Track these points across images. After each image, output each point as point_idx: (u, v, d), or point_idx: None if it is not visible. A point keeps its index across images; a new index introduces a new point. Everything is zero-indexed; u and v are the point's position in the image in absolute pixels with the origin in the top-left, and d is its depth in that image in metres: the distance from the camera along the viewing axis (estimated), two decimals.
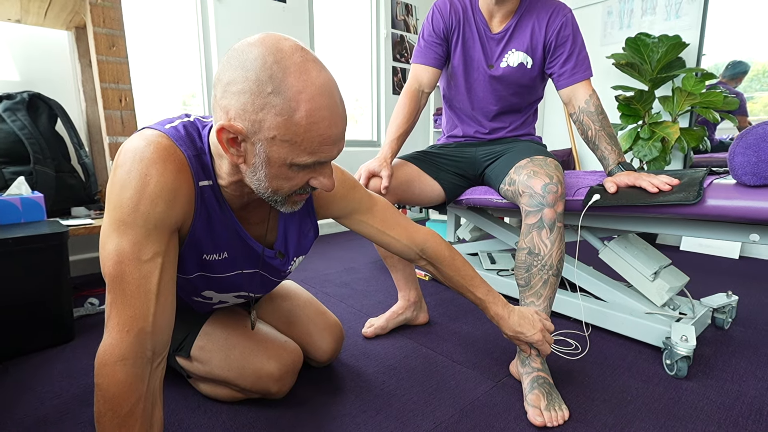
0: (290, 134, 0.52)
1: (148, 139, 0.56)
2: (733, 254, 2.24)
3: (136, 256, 0.54)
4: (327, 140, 0.55)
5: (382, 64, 3.04)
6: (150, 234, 0.55)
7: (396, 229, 0.87)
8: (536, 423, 0.82)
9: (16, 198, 1.27)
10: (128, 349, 0.53)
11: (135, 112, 1.38)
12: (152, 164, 0.55)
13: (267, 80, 0.50)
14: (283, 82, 0.50)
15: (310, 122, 0.52)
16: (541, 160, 1.05)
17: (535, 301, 0.96)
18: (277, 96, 0.50)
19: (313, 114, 0.52)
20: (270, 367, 0.84)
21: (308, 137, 0.53)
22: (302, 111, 0.51)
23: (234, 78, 0.51)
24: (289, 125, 0.52)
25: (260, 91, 0.50)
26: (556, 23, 1.13)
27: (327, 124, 0.53)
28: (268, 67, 0.50)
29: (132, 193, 0.54)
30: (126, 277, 0.54)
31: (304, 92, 0.51)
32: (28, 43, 1.63)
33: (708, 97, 2.09)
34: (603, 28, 2.68)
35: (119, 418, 0.52)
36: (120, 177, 0.55)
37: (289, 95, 0.51)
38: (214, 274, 0.73)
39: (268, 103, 0.51)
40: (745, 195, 0.86)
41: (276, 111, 0.51)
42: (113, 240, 0.54)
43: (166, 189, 0.55)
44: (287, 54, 0.51)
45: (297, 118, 0.51)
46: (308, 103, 0.51)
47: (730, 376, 1.02)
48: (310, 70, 0.52)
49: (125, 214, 0.54)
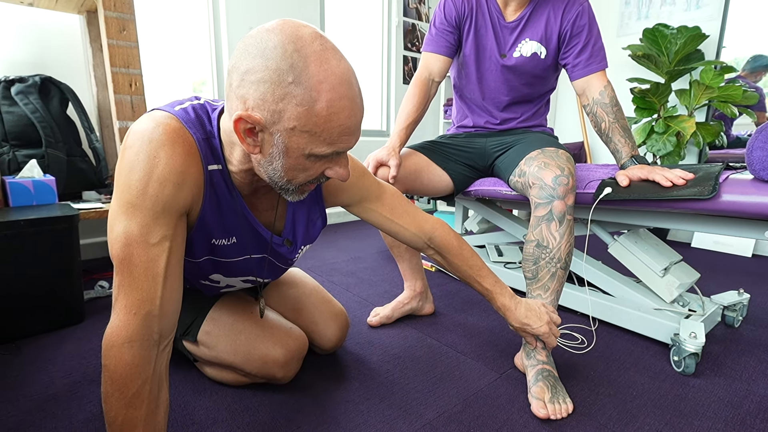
0: (311, 125, 0.52)
1: (157, 121, 0.56)
2: (746, 252, 2.20)
3: (144, 239, 0.54)
4: (346, 130, 0.54)
5: (393, 53, 3.01)
6: (158, 217, 0.55)
7: (404, 217, 0.86)
8: (540, 415, 0.82)
9: (29, 180, 1.28)
10: (135, 332, 0.53)
11: (145, 97, 1.38)
12: (161, 146, 0.54)
13: (288, 69, 0.49)
14: (305, 72, 0.49)
15: (331, 112, 0.51)
16: (552, 151, 1.03)
17: (542, 294, 0.96)
18: (298, 86, 0.50)
19: (334, 104, 0.51)
20: (275, 353, 0.84)
21: (328, 127, 0.52)
22: (323, 101, 0.51)
23: (252, 66, 0.50)
24: (310, 115, 0.51)
25: (281, 80, 0.49)
26: (572, 12, 1.10)
27: (347, 114, 0.53)
28: (289, 55, 0.49)
29: (141, 175, 0.53)
30: (134, 259, 0.54)
31: (325, 82, 0.50)
32: (40, 27, 1.64)
33: (726, 90, 2.03)
34: (620, 18, 2.61)
35: (126, 398, 0.53)
36: (128, 159, 0.54)
37: (310, 85, 0.50)
38: (222, 258, 0.73)
39: (289, 93, 0.50)
40: (763, 190, 0.84)
41: (297, 101, 0.50)
42: (121, 222, 0.54)
43: (174, 172, 0.55)
44: (307, 42, 0.50)
45: (318, 108, 0.51)
46: (329, 92, 0.51)
47: (739, 374, 1.00)
48: (330, 58, 0.51)
49: (133, 197, 0.53)
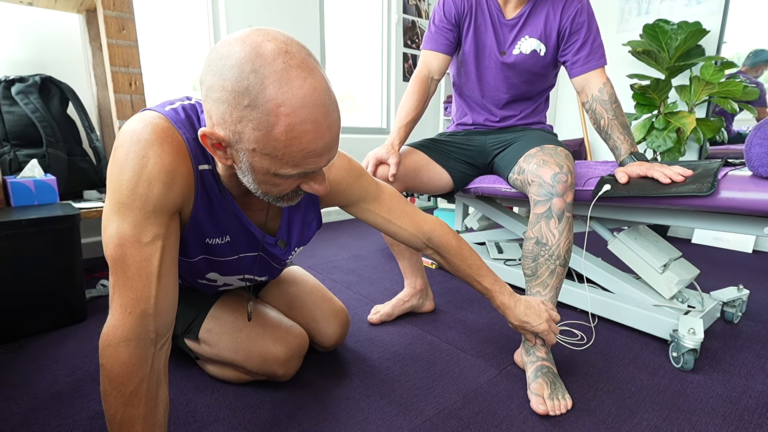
0: (269, 148, 0.49)
1: (146, 121, 0.56)
2: (747, 248, 2.20)
3: (136, 238, 0.54)
4: (311, 153, 0.51)
5: (392, 50, 3.00)
6: (149, 216, 0.55)
7: (403, 218, 0.86)
8: (539, 411, 0.83)
9: (30, 180, 1.29)
10: (131, 331, 0.54)
11: (145, 96, 1.38)
12: (150, 146, 0.54)
13: (243, 92, 0.46)
14: (261, 95, 0.46)
15: (291, 137, 0.48)
16: (551, 149, 1.03)
17: (541, 291, 0.96)
18: (254, 110, 0.47)
19: (294, 128, 0.48)
20: (276, 350, 0.85)
21: (289, 152, 0.50)
22: (281, 126, 0.47)
23: (212, 84, 0.48)
24: (268, 140, 0.48)
25: (237, 103, 0.47)
26: (572, 9, 1.10)
27: (310, 137, 0.49)
28: (245, 76, 0.46)
29: (130, 175, 0.53)
30: (127, 259, 0.54)
31: (284, 105, 0.46)
32: (39, 27, 1.64)
33: (727, 86, 2.03)
34: (620, 14, 2.60)
35: (124, 397, 0.53)
36: (118, 159, 0.55)
37: (267, 109, 0.46)
38: (217, 257, 0.74)
39: (245, 117, 0.47)
40: (762, 187, 0.84)
41: (253, 125, 0.47)
42: (114, 222, 0.54)
43: (163, 171, 0.55)
44: (267, 60, 0.46)
45: (276, 133, 0.48)
46: (288, 117, 0.47)
47: (738, 370, 1.01)
48: (292, 78, 0.47)
49: (124, 197, 0.54)
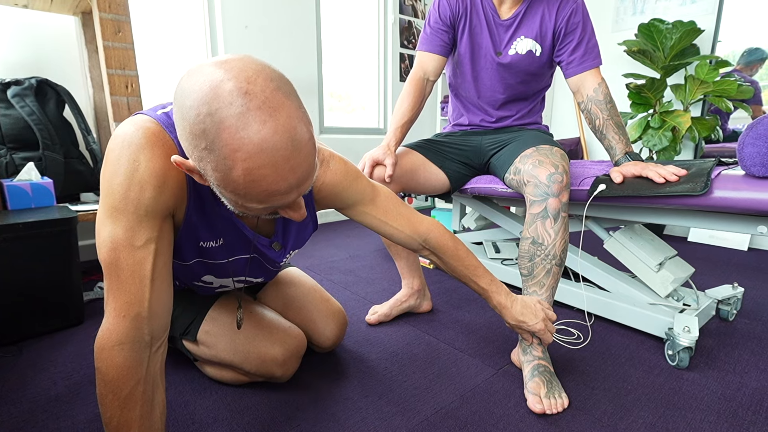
0: (231, 187, 0.48)
1: (138, 125, 0.56)
2: (742, 246, 2.22)
3: (129, 242, 0.55)
4: (274, 194, 0.48)
5: (389, 51, 3.00)
6: (141, 220, 0.55)
7: (399, 219, 0.86)
8: (535, 410, 0.83)
9: (27, 183, 1.29)
10: (125, 334, 0.54)
11: (141, 99, 1.38)
12: (140, 150, 0.54)
13: (200, 135, 0.45)
14: (217, 139, 0.44)
15: (250, 180, 0.46)
16: (546, 149, 1.04)
17: (537, 291, 0.97)
18: (211, 153, 0.45)
19: (252, 173, 0.46)
20: (274, 351, 0.85)
21: (251, 192, 0.48)
22: (239, 170, 0.45)
23: (176, 120, 0.48)
24: (228, 181, 0.47)
25: (196, 144, 0.46)
26: (567, 10, 1.10)
27: (270, 181, 0.47)
28: (201, 120, 0.44)
29: (122, 179, 0.54)
30: (120, 263, 0.54)
31: (240, 151, 0.44)
32: (35, 29, 1.63)
33: (721, 85, 2.04)
34: (615, 13, 2.61)
35: (119, 400, 0.54)
36: (110, 163, 0.55)
37: (223, 153, 0.45)
38: (212, 260, 0.74)
39: (204, 158, 0.46)
40: (754, 186, 0.85)
41: (212, 166, 0.46)
42: (107, 227, 0.55)
43: (154, 175, 0.55)
44: (224, 103, 0.44)
45: (235, 176, 0.46)
46: (245, 162, 0.45)
47: (732, 367, 1.02)
48: (249, 122, 0.44)
49: (116, 201, 0.54)
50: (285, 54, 2.43)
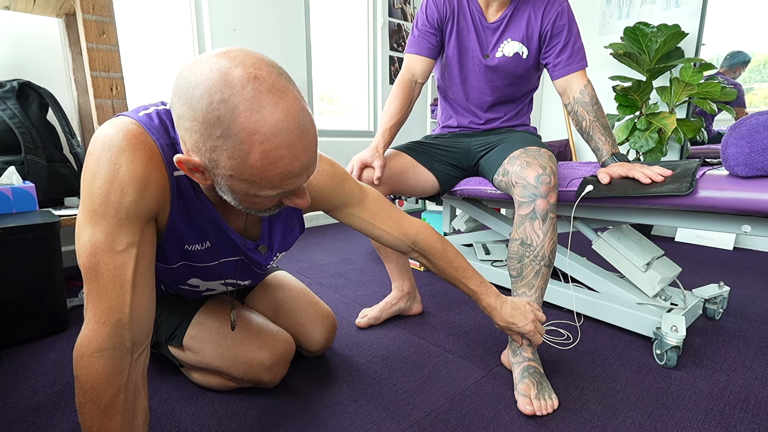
0: (246, 174, 0.49)
1: (118, 127, 0.55)
2: (728, 245, 2.25)
3: (109, 246, 0.53)
4: (289, 175, 0.51)
5: (378, 53, 3.01)
6: (122, 224, 0.54)
7: (387, 221, 0.86)
8: (526, 412, 0.83)
9: (7, 188, 1.26)
10: (105, 341, 0.53)
11: (126, 101, 1.36)
12: (121, 152, 0.53)
13: (215, 123, 0.46)
14: (233, 125, 0.45)
15: (266, 163, 0.48)
16: (534, 150, 1.04)
17: (527, 292, 0.97)
18: (227, 140, 0.46)
19: (269, 155, 0.47)
20: (261, 356, 0.84)
21: (267, 177, 0.49)
22: (256, 154, 0.47)
23: (183, 113, 0.48)
24: (244, 167, 0.48)
25: (210, 133, 0.46)
26: (552, 12, 1.11)
27: (287, 161, 0.49)
28: (215, 107, 0.45)
29: (102, 182, 0.52)
30: (100, 268, 0.53)
31: (256, 133, 0.46)
32: (17, 31, 1.60)
33: (705, 87, 2.07)
34: (601, 17, 2.65)
35: (99, 408, 0.52)
36: (90, 166, 0.53)
37: (240, 138, 0.46)
38: (197, 263, 0.73)
39: (219, 146, 0.47)
40: (738, 186, 0.86)
41: (228, 154, 0.47)
42: (87, 231, 0.53)
43: (135, 178, 0.53)
44: (237, 89, 0.45)
45: (251, 160, 0.47)
46: (262, 144, 0.47)
47: (719, 365, 1.03)
48: (263, 105, 0.46)
49: (96, 204, 0.53)
50: (274, 57, 2.42)
